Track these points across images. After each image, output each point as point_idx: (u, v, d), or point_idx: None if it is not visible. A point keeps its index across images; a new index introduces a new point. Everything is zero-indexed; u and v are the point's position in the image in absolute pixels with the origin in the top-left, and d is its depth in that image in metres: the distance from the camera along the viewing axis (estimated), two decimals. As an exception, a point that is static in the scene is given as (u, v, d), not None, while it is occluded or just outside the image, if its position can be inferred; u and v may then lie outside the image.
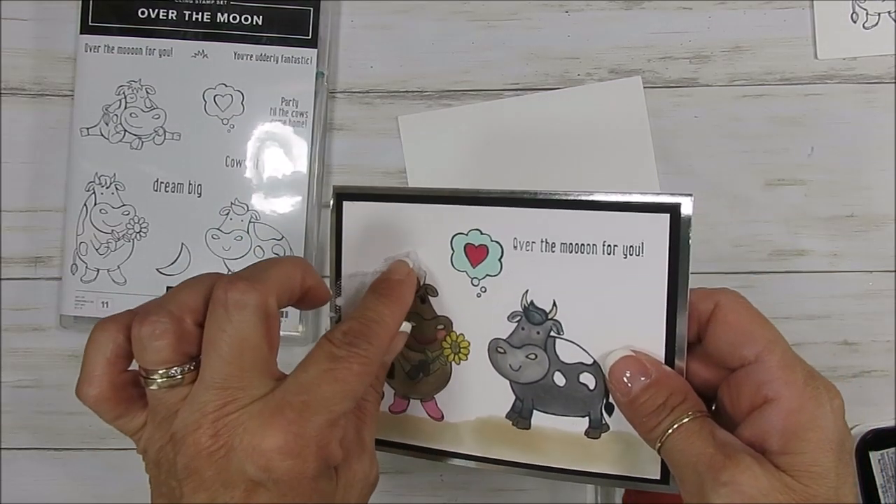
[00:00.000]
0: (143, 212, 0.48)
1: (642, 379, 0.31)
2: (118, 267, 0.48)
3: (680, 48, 0.49)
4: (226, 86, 0.48)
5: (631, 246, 0.31)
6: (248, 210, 0.48)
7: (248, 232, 0.48)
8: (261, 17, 0.48)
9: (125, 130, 0.49)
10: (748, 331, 0.30)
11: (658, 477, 0.33)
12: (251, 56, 0.48)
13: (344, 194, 0.35)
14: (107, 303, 0.48)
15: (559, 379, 0.33)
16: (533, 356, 0.34)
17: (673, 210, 0.31)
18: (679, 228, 0.31)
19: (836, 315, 0.49)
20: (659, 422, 0.30)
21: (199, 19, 0.48)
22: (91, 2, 0.49)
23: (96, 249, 0.48)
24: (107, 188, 0.48)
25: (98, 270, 0.48)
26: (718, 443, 0.29)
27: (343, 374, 0.28)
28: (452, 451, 0.36)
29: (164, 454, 0.28)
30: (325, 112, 0.49)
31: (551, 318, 0.33)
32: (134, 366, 0.30)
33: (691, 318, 0.31)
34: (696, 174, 0.49)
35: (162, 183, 0.48)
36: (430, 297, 0.35)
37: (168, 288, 0.48)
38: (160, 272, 0.48)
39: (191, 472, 0.27)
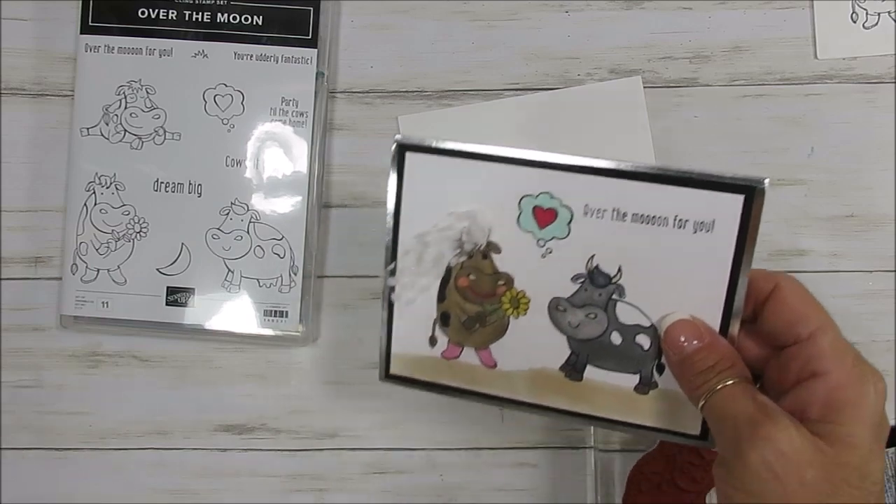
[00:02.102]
0: (143, 212, 0.48)
1: (695, 342, 0.32)
2: (118, 267, 0.48)
3: (680, 48, 0.49)
4: (226, 86, 0.48)
5: (702, 222, 0.32)
6: (248, 210, 0.48)
7: (248, 232, 0.48)
8: (261, 17, 0.48)
9: (125, 130, 0.49)
10: (805, 312, 0.32)
11: (698, 433, 0.35)
12: (251, 56, 0.48)
13: (407, 145, 0.35)
14: (107, 303, 0.48)
15: (616, 338, 0.35)
16: (593, 315, 0.35)
17: (749, 191, 0.32)
18: (751, 209, 0.32)
19: (836, 315, 0.48)
20: (705, 381, 0.32)
21: (199, 19, 0.48)
22: (91, 2, 0.49)
23: (96, 249, 0.48)
24: (107, 188, 0.48)
25: (98, 270, 0.48)
26: (759, 404, 0.30)
27: None
28: (503, 396, 0.37)
29: None
30: (325, 112, 0.49)
31: (615, 283, 0.34)
32: None
33: (749, 295, 0.33)
34: (696, 174, 0.49)
35: (162, 183, 0.48)
36: (493, 254, 0.35)
37: (168, 289, 0.48)
38: (160, 272, 0.48)
39: None
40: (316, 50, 0.48)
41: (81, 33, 0.49)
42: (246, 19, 0.48)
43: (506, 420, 0.49)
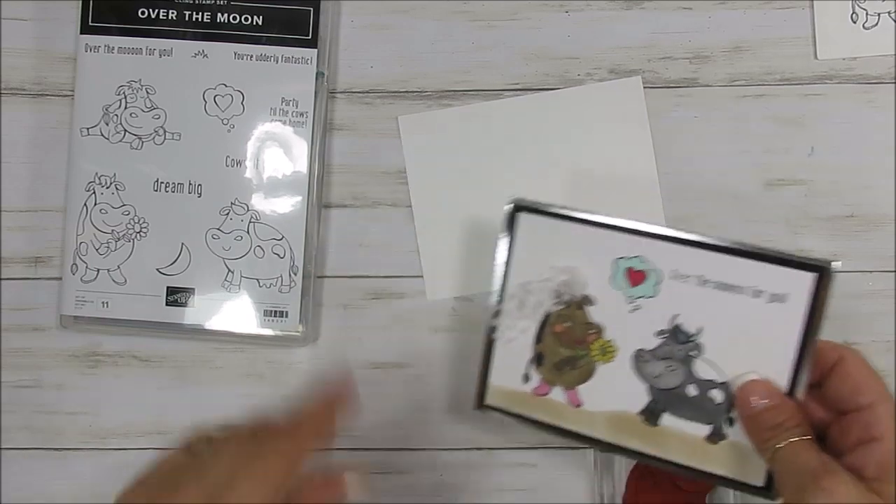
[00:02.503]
0: (143, 212, 0.48)
1: (765, 401, 0.36)
2: (118, 267, 0.48)
3: (680, 48, 0.49)
4: (226, 86, 0.48)
5: (776, 294, 0.36)
6: (248, 210, 0.48)
7: (248, 232, 0.48)
8: (261, 17, 0.48)
9: (125, 130, 0.49)
10: (866, 383, 0.35)
11: (762, 485, 0.37)
12: (251, 56, 0.48)
13: (521, 206, 0.40)
14: (107, 303, 0.48)
15: (692, 390, 0.38)
16: (672, 368, 0.38)
17: (821, 271, 0.35)
18: (822, 287, 0.35)
19: (837, 315, 0.48)
20: (773, 436, 0.35)
21: (199, 19, 0.48)
22: (91, 2, 0.49)
23: (96, 249, 0.48)
24: (107, 188, 0.48)
25: (98, 270, 0.48)
26: (823, 459, 0.34)
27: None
28: (584, 433, 0.40)
29: None
30: (325, 112, 0.49)
31: (694, 341, 0.38)
32: None
33: (816, 363, 0.36)
34: (697, 174, 0.49)
35: (162, 183, 0.48)
36: (587, 307, 0.40)
37: (168, 288, 0.48)
38: (160, 272, 0.48)
39: None
40: (316, 50, 0.48)
41: (81, 33, 0.49)
42: (246, 19, 0.48)
43: (506, 420, 0.49)
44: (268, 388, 0.50)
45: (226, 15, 0.48)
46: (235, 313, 0.48)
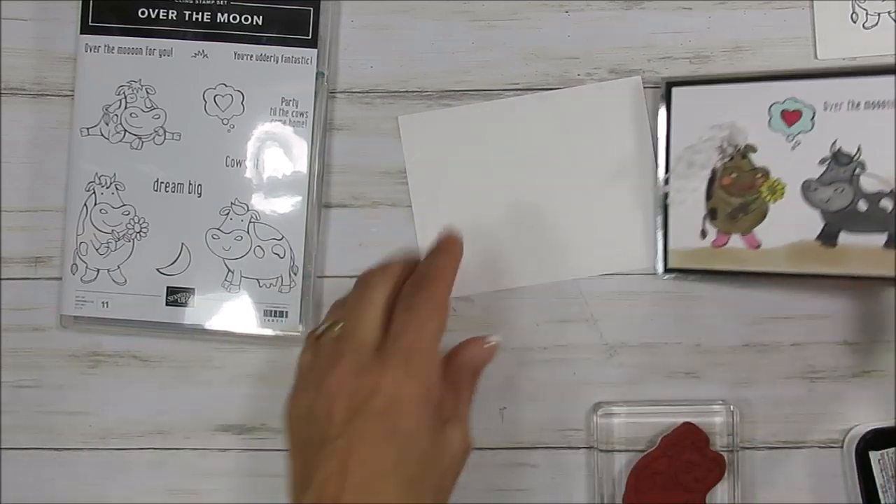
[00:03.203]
0: (143, 212, 0.48)
1: None
2: (118, 267, 0.48)
3: (680, 48, 0.49)
4: (226, 86, 0.48)
5: None
6: (248, 210, 0.48)
7: (248, 232, 0.48)
8: (261, 17, 0.48)
9: (125, 130, 0.49)
10: None
11: None
12: (251, 56, 0.48)
13: (672, 82, 0.46)
14: (107, 303, 0.48)
15: (862, 205, 0.42)
16: (840, 190, 0.43)
17: None
18: None
19: (837, 314, 0.49)
20: None
21: (199, 19, 0.48)
22: (91, 2, 0.49)
23: (96, 249, 0.48)
24: (107, 188, 0.48)
25: (98, 270, 0.48)
26: None
27: (419, 316, 0.37)
28: (768, 271, 0.44)
29: None
30: (325, 112, 0.49)
31: (856, 160, 0.42)
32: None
33: None
34: (696, 174, 0.49)
35: (162, 183, 0.48)
36: (750, 154, 0.45)
37: (168, 289, 0.48)
38: (160, 272, 0.48)
39: None
40: (316, 50, 0.48)
41: (81, 33, 0.49)
42: (246, 19, 0.48)
43: (506, 420, 0.49)
44: (268, 388, 0.50)
45: (226, 15, 0.48)
46: (235, 313, 0.48)
